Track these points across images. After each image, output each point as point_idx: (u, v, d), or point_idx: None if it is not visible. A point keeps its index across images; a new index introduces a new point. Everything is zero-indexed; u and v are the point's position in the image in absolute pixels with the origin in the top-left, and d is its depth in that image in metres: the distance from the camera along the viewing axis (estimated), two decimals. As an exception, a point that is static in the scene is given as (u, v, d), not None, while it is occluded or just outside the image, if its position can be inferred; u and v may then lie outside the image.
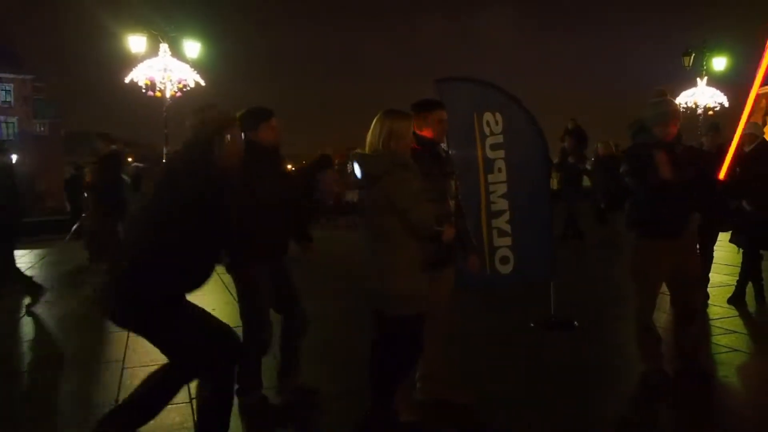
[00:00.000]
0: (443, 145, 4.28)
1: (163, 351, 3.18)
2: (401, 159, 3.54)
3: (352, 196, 13.71)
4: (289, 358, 4.41)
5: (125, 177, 14.95)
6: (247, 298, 4.14)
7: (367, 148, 3.63)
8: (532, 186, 5.80)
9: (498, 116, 5.58)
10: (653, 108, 4.48)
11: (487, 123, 5.56)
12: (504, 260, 5.64)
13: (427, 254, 3.65)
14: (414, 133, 3.82)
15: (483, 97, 5.70)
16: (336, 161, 4.16)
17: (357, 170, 3.56)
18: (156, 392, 3.23)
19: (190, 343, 3.13)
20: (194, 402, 3.67)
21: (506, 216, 5.60)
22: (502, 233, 5.60)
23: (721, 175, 4.96)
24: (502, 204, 5.63)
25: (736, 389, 4.75)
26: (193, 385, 3.42)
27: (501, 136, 5.59)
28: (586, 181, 13.59)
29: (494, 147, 5.56)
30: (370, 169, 3.53)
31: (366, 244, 3.64)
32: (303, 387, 4.42)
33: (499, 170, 5.59)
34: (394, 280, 3.51)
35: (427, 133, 4.02)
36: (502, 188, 5.66)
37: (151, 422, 3.25)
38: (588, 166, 13.43)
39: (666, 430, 4.08)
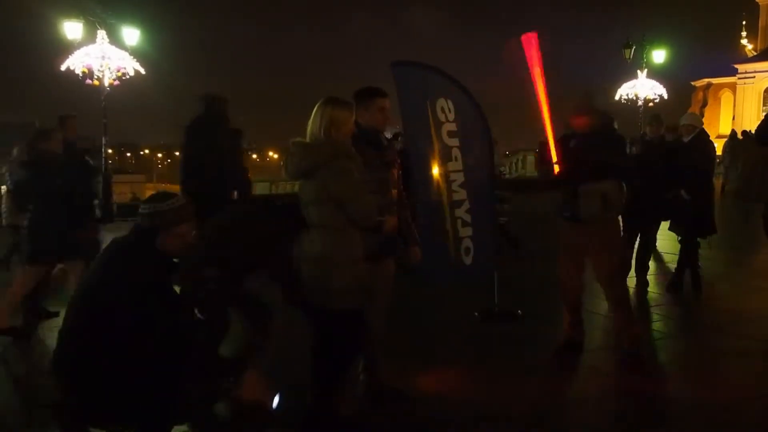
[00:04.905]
0: (386, 134, 4.22)
1: None
2: (343, 148, 3.46)
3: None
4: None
5: None
6: None
7: (307, 137, 3.53)
8: (482, 175, 5.78)
9: (450, 103, 5.49)
10: None
11: (442, 109, 5.43)
12: (467, 251, 5.59)
13: (367, 246, 3.58)
14: (356, 121, 3.74)
15: (436, 82, 5.56)
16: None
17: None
18: None
19: None
20: None
21: (466, 205, 5.52)
22: (464, 223, 5.52)
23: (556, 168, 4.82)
24: (462, 193, 5.53)
25: (672, 374, 4.86)
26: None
27: (454, 124, 5.50)
28: None
29: (450, 134, 5.46)
30: (311, 159, 3.44)
31: (305, 235, 3.54)
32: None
33: (456, 158, 5.49)
34: (334, 273, 3.42)
35: (368, 121, 3.94)
36: (460, 177, 5.54)
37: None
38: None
39: (603, 416, 4.12)
